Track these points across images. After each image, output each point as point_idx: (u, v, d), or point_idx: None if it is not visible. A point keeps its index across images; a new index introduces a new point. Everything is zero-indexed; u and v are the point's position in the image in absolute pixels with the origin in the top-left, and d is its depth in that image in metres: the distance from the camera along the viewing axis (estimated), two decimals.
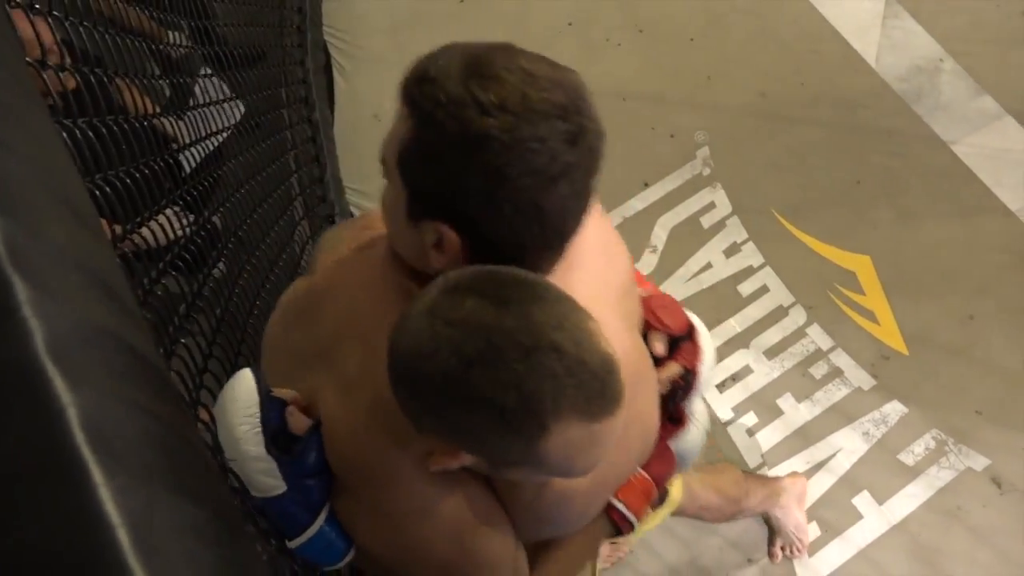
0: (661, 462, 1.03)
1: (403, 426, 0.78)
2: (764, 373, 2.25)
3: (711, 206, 2.45)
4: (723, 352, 2.28)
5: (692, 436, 1.09)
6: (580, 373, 0.69)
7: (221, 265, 1.74)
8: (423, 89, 0.75)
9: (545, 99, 0.74)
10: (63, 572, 0.32)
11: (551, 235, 0.79)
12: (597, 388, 0.70)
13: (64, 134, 1.08)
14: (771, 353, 2.28)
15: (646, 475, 1.00)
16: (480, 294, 0.70)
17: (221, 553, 0.42)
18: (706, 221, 2.43)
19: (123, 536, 0.33)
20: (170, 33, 1.99)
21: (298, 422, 0.87)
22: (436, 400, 0.71)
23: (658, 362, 1.02)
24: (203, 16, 2.14)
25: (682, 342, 1.05)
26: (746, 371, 2.26)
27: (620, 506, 0.98)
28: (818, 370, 2.25)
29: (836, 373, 2.24)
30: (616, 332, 0.84)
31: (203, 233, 1.62)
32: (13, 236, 0.38)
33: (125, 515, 0.33)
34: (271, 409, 0.87)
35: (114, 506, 0.33)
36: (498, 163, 0.72)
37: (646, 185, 2.48)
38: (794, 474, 2.11)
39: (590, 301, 0.76)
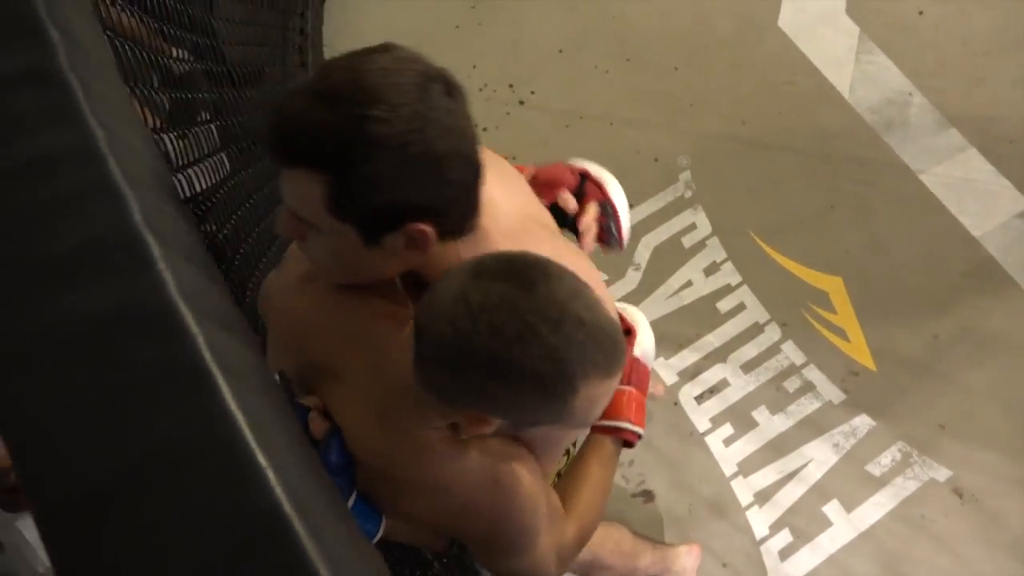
0: (640, 372, 1.15)
1: (422, 407, 0.88)
2: (740, 386, 2.36)
3: (692, 227, 2.56)
4: (702, 366, 2.39)
5: (645, 338, 1.22)
6: (599, 337, 0.81)
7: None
8: (309, 144, 0.80)
9: (410, 77, 0.82)
10: (200, 455, 0.41)
11: (479, 169, 0.88)
12: (611, 347, 0.82)
13: None
14: (747, 367, 2.39)
15: (634, 389, 1.13)
16: (507, 279, 0.80)
17: (309, 453, 0.52)
18: (687, 241, 2.55)
19: (245, 428, 0.42)
20: (173, 48, 2.07)
21: (318, 427, 0.95)
22: (479, 377, 0.80)
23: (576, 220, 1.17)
24: (207, 34, 2.23)
25: (585, 187, 1.18)
26: (723, 384, 2.37)
27: (627, 426, 1.11)
28: (791, 384, 2.36)
29: (808, 387, 2.35)
30: (556, 248, 0.97)
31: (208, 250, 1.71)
32: (146, 207, 0.48)
33: (246, 414, 0.42)
34: (296, 414, 0.95)
35: (238, 407, 0.43)
36: (424, 149, 0.80)
37: (631, 206, 2.58)
38: (690, 545, 2.10)
39: (527, 222, 0.90)
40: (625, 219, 1.21)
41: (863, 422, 2.30)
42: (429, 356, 0.83)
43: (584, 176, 1.20)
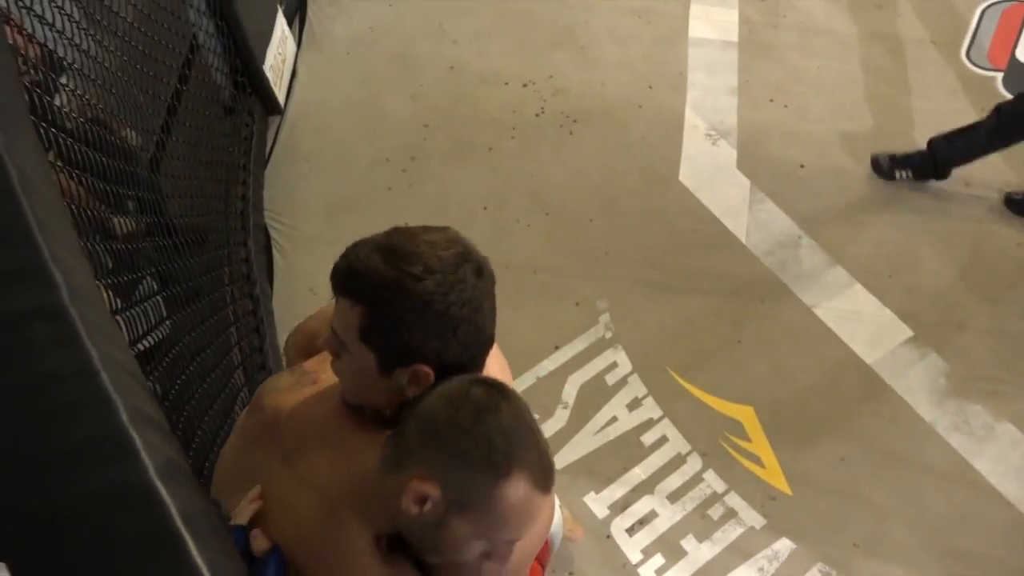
0: (544, 549, 1.31)
1: (366, 509, 1.04)
2: (668, 516, 2.49)
3: (614, 365, 2.75)
4: (630, 498, 2.51)
5: (556, 519, 1.39)
6: (542, 449, 1.02)
7: None
8: (360, 282, 1.04)
9: (451, 254, 1.06)
10: None
11: (488, 340, 1.11)
12: (547, 464, 1.02)
13: None
14: (673, 497, 2.52)
15: (537, 564, 1.27)
16: (480, 385, 1.04)
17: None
18: (610, 379, 2.73)
19: None
20: (117, 221, 2.20)
21: (260, 544, 1.09)
22: (440, 444, 0.99)
23: None
24: (157, 212, 2.39)
25: None
26: (652, 515, 2.49)
27: None
28: (715, 511, 2.49)
29: (731, 514, 2.49)
30: None
31: None
32: (129, 407, 0.62)
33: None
34: (236, 536, 1.08)
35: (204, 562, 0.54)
36: (443, 308, 1.02)
37: (556, 348, 2.78)
38: None
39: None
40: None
41: (784, 546, 2.43)
42: (420, 433, 1.01)
43: None
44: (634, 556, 2.42)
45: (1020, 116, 2.75)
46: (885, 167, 3.04)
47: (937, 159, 2.95)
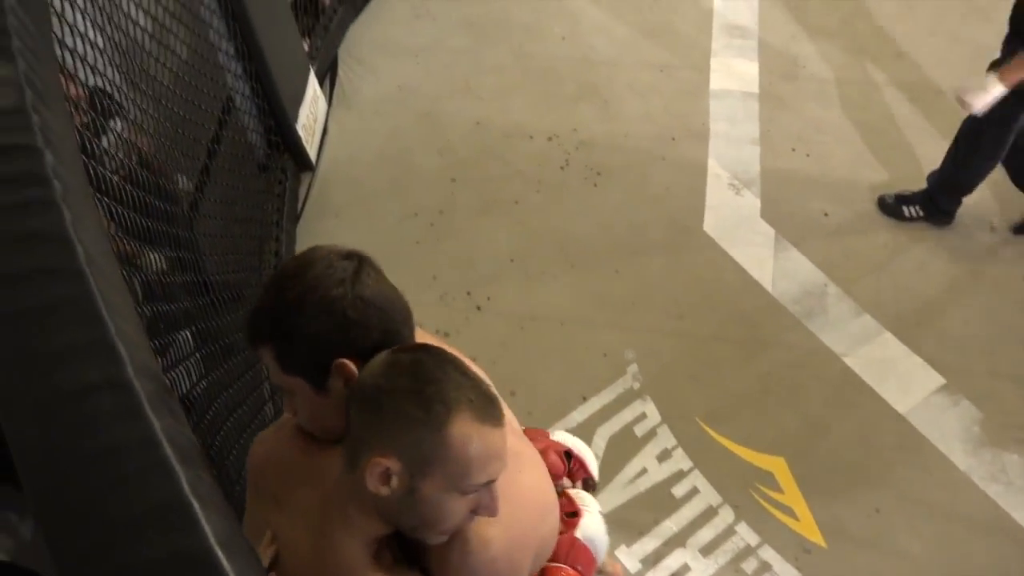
0: (578, 551, 1.29)
1: (350, 518, 1.06)
2: (701, 571, 2.46)
3: (643, 416, 2.76)
4: (662, 552, 2.49)
5: (592, 521, 1.36)
6: (477, 383, 1.02)
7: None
8: (253, 326, 1.11)
9: (316, 256, 1.12)
10: None
11: (394, 310, 1.12)
12: (486, 395, 1.02)
13: None
14: (706, 551, 2.50)
15: (572, 569, 1.26)
16: (397, 351, 1.07)
17: None
18: (639, 430, 2.73)
19: None
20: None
21: None
22: (378, 417, 1.01)
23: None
24: (195, 270, 2.46)
25: (572, 467, 1.46)
26: (684, 569, 2.47)
27: None
28: (749, 565, 2.47)
29: (765, 567, 2.46)
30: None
31: None
32: (189, 476, 0.66)
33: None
34: None
35: None
36: (320, 297, 1.07)
37: (584, 399, 2.80)
38: None
39: None
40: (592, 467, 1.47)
41: None
42: (357, 403, 1.04)
43: (568, 454, 1.48)
44: None
45: (966, 135, 2.83)
46: (891, 204, 3.07)
47: (931, 194, 3.03)
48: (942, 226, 3.06)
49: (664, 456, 2.66)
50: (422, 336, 1.23)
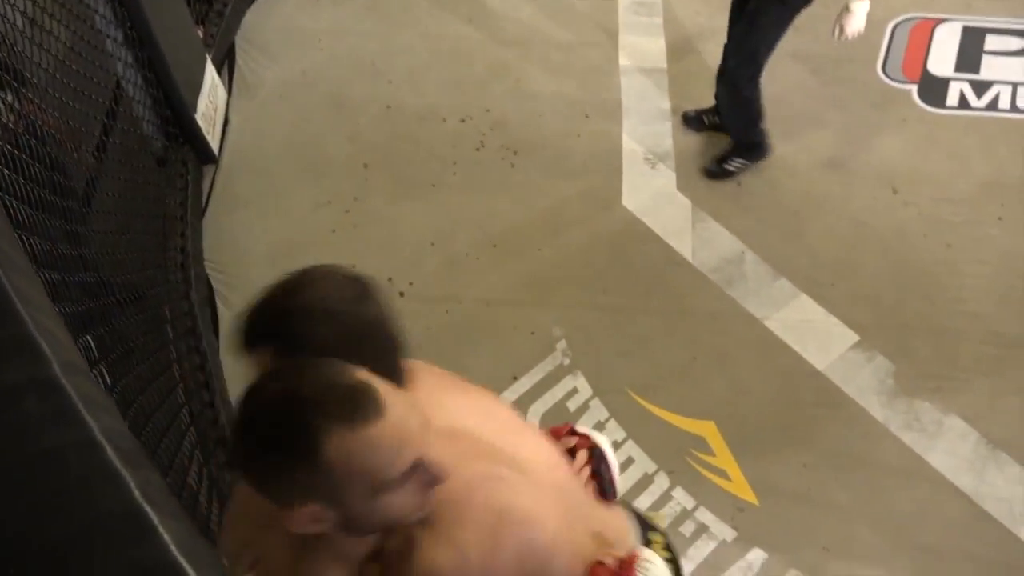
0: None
1: (313, 558, 1.02)
2: None
3: (574, 391, 2.76)
4: None
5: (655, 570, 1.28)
6: (333, 391, 0.91)
7: None
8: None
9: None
10: None
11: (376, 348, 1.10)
12: (349, 398, 0.91)
13: None
14: None
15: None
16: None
17: None
18: (571, 405, 2.73)
19: None
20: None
21: None
22: (259, 475, 0.94)
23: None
24: (90, 269, 2.29)
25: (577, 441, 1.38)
26: None
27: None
28: (687, 528, 2.51)
29: (703, 529, 2.51)
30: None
31: None
32: (140, 482, 0.58)
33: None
34: None
35: None
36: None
37: (515, 378, 2.77)
38: None
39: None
40: (615, 469, 1.40)
41: (756, 556, 2.46)
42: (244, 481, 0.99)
43: (571, 431, 1.45)
44: None
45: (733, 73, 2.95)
46: (715, 169, 3.19)
47: (739, 140, 3.17)
48: (765, 158, 3.17)
49: (598, 429, 2.67)
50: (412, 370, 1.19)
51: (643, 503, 2.54)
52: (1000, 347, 2.80)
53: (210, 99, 3.22)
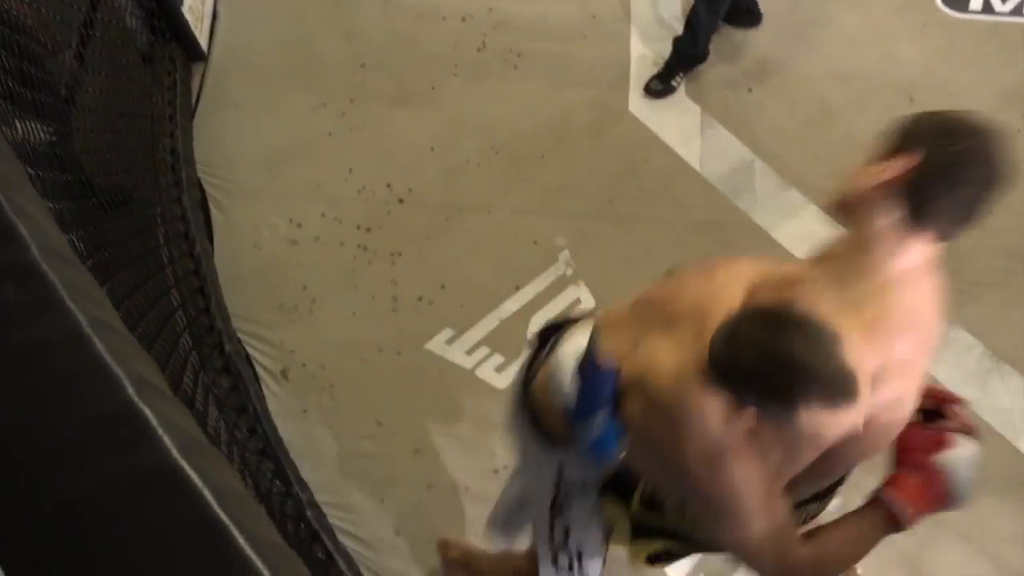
0: (928, 477, 1.27)
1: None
2: None
3: (577, 302, 2.71)
4: None
5: (963, 455, 1.30)
6: (833, 381, 1.07)
7: None
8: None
9: None
10: None
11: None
12: (837, 388, 1.07)
13: None
14: None
15: (917, 479, 1.26)
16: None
17: None
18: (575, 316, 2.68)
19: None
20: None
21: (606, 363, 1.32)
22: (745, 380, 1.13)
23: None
24: (71, 168, 2.19)
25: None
26: None
27: (891, 503, 1.26)
28: None
29: None
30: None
31: None
32: (134, 379, 0.52)
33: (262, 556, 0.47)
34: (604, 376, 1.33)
35: (255, 553, 0.47)
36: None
37: (517, 288, 2.72)
38: None
39: None
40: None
41: None
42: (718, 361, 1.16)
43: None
44: None
45: None
46: (657, 88, 3.04)
47: (682, 49, 3.01)
48: (700, 64, 3.04)
49: None
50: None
51: None
52: (1010, 260, 2.75)
53: None
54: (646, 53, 3.15)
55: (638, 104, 3.06)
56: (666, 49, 3.09)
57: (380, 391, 2.58)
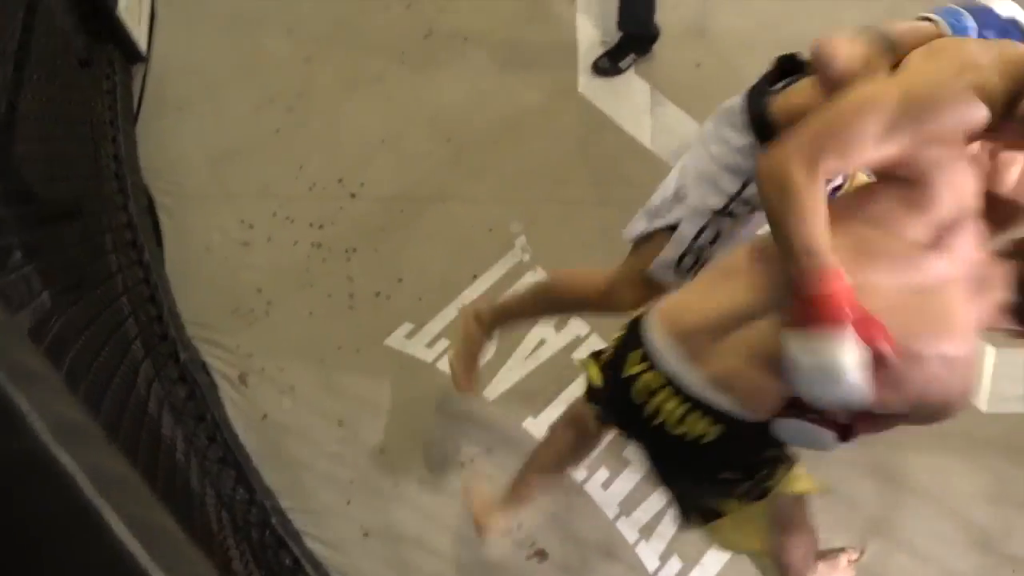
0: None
1: None
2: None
3: None
4: None
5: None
6: None
7: None
8: None
9: None
10: None
11: None
12: None
13: None
14: None
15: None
16: None
17: None
18: None
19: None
20: None
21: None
22: None
23: None
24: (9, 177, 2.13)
25: None
26: None
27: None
28: None
29: None
30: None
31: None
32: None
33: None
34: None
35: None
36: None
37: (475, 277, 2.70)
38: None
39: None
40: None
41: None
42: None
43: None
44: (579, 475, 2.41)
45: None
46: (607, 66, 3.02)
47: (630, 33, 2.98)
48: (651, 46, 3.04)
49: (561, 324, 2.63)
50: None
51: None
52: None
53: None
54: (592, 33, 3.13)
55: (587, 85, 3.04)
56: (613, 27, 3.07)
57: (341, 391, 2.55)
